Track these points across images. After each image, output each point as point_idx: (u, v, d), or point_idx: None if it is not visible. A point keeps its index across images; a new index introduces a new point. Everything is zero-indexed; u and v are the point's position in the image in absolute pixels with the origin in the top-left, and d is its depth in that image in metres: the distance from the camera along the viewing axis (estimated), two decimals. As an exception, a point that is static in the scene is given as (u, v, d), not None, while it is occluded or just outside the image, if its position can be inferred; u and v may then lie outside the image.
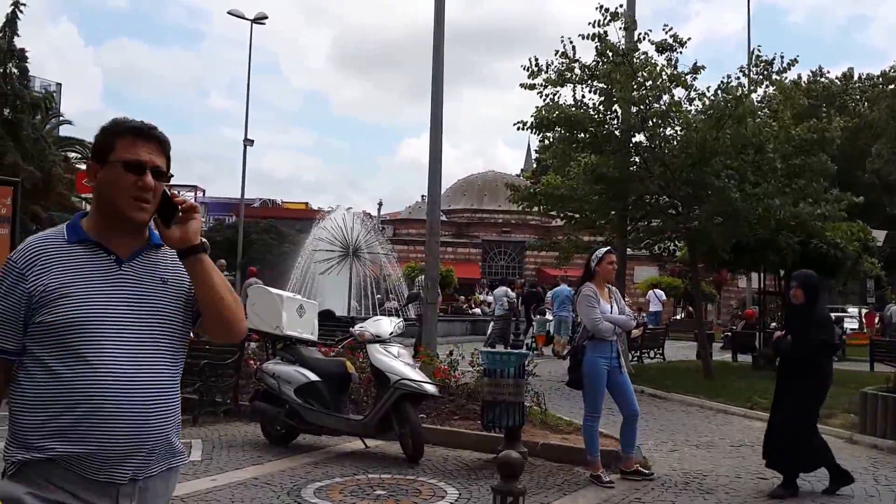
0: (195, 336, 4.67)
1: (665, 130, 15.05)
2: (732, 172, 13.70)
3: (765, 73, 15.09)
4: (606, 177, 14.71)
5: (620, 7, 15.12)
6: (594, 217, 16.70)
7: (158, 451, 2.23)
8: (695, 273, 17.90)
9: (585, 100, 15.03)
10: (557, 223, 25.37)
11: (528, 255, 47.01)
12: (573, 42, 14.73)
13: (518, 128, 15.20)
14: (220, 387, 9.60)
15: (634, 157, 15.57)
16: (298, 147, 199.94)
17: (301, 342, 8.38)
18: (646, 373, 15.71)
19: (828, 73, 51.68)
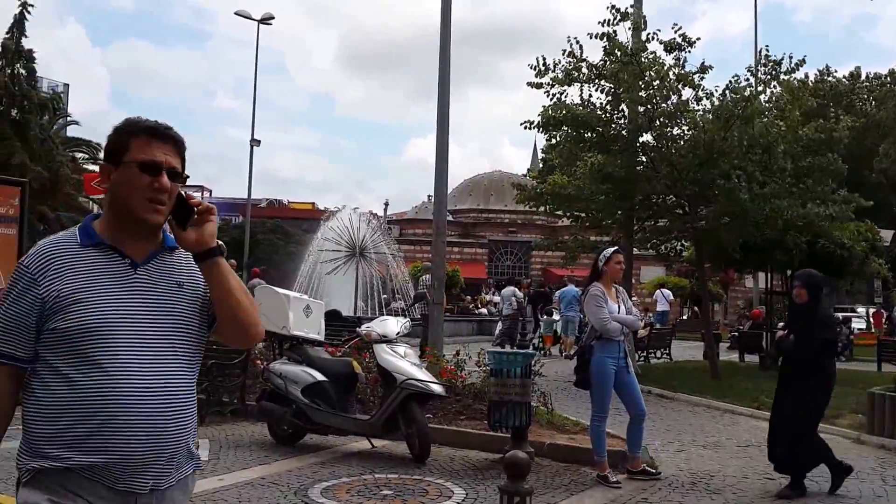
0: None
1: (672, 130, 15.02)
2: (741, 173, 13.67)
3: (773, 74, 15.05)
4: (613, 176, 14.69)
5: (630, 8, 15.10)
6: (601, 217, 16.68)
7: (178, 459, 2.18)
8: (701, 273, 17.85)
9: (592, 99, 15.04)
10: (564, 223, 25.38)
11: (535, 255, 47.02)
12: (580, 41, 14.74)
13: (525, 127, 15.23)
14: (227, 386, 9.62)
15: (641, 157, 15.53)
16: (305, 147, 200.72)
17: (308, 342, 8.39)
18: (652, 373, 15.69)
19: (835, 73, 51.45)
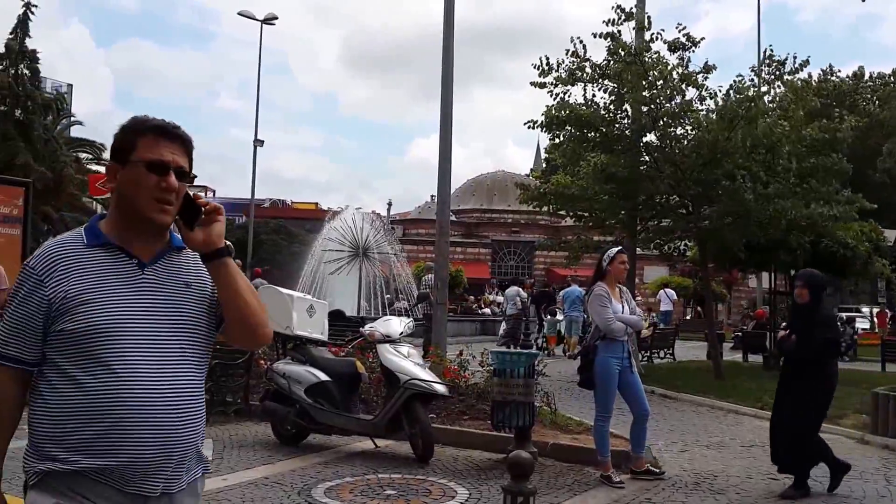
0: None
1: (676, 130, 14.99)
2: (745, 173, 13.65)
3: (776, 74, 15.03)
4: (616, 176, 14.67)
5: (633, 8, 15.08)
6: (604, 217, 16.66)
7: (188, 462, 2.16)
8: (705, 273, 17.84)
9: (596, 99, 15.01)
10: (567, 223, 25.37)
11: (538, 255, 47.02)
12: (584, 41, 14.72)
13: (529, 127, 15.18)
14: (231, 386, 9.63)
15: (645, 157, 15.51)
16: (308, 147, 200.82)
17: (311, 342, 8.39)
18: (656, 373, 15.66)
19: (838, 72, 51.39)
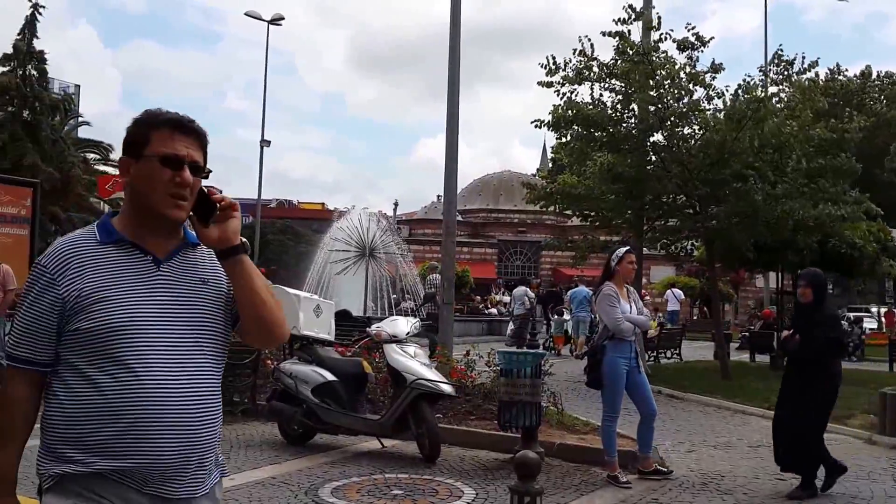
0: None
1: (683, 130, 14.96)
2: (754, 173, 13.61)
3: (784, 74, 14.98)
4: (623, 176, 14.66)
5: (641, 8, 15.05)
6: (611, 216, 16.66)
7: (208, 464, 2.11)
8: (712, 273, 17.80)
9: (603, 98, 14.98)
10: (573, 223, 25.36)
11: (544, 255, 46.99)
12: (591, 40, 14.69)
13: (535, 126, 15.19)
14: (238, 386, 9.63)
15: (652, 157, 15.49)
16: (315, 147, 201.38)
17: (318, 342, 8.41)
18: (663, 373, 15.63)
19: (845, 72, 51.11)
